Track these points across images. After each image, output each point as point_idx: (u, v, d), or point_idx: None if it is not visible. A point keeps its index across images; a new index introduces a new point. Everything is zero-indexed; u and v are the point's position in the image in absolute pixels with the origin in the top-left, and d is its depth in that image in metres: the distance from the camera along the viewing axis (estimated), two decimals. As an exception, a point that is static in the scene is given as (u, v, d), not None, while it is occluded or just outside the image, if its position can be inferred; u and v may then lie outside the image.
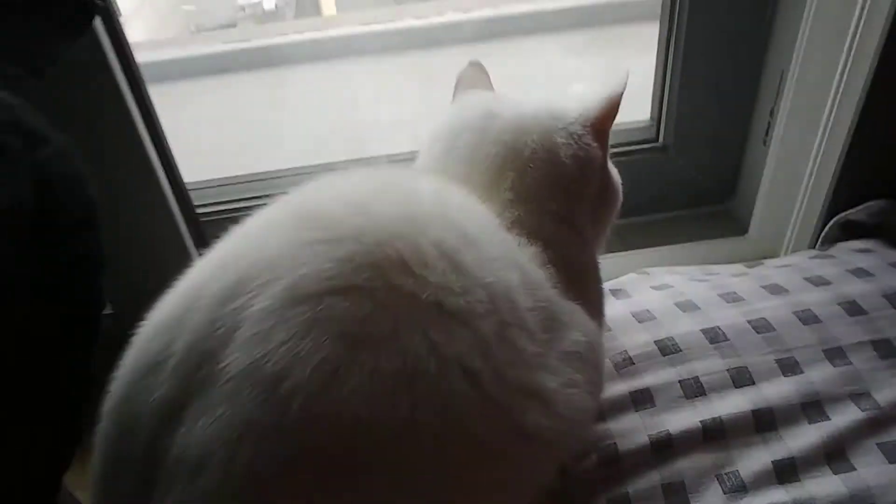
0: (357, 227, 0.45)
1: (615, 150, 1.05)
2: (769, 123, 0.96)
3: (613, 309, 0.78)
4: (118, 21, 0.72)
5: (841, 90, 0.80)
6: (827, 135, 0.83)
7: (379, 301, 0.43)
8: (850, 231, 0.86)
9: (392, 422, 0.41)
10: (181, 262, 0.48)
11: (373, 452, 0.41)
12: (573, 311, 0.56)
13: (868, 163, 0.81)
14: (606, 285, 0.82)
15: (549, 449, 0.51)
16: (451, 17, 1.97)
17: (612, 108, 0.61)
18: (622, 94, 0.61)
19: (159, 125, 0.84)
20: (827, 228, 0.87)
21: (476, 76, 0.69)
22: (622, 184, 0.69)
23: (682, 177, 1.05)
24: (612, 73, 0.62)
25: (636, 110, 1.05)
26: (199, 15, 2.57)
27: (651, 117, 1.05)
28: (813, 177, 0.88)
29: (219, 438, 0.39)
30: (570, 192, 0.61)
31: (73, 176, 0.41)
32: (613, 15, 2.03)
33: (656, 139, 1.05)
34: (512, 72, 1.61)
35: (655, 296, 0.79)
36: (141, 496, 0.41)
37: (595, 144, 0.62)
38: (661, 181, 1.06)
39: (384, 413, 0.41)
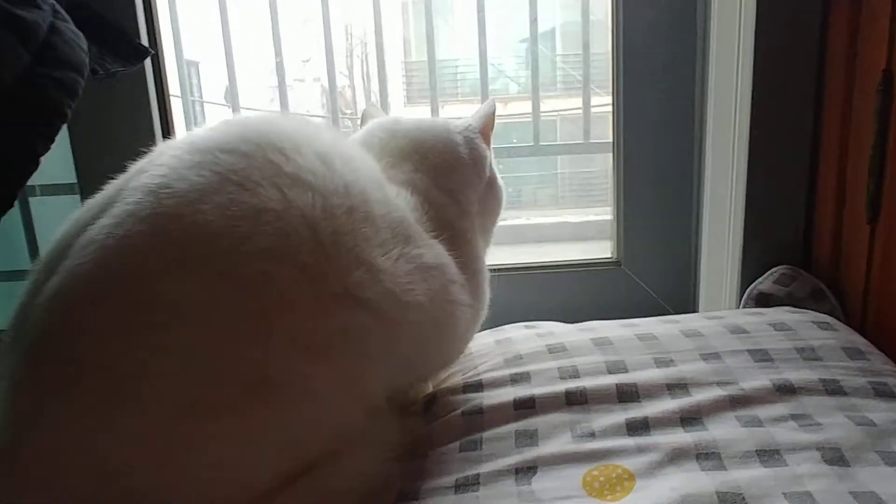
0: (260, 123, 0.62)
1: (575, 264, 1.17)
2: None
3: (522, 332, 0.84)
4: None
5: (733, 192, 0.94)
6: (732, 227, 0.95)
7: (253, 162, 0.56)
8: (763, 303, 0.90)
9: (237, 234, 0.52)
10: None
11: (218, 254, 0.52)
12: (432, 244, 0.67)
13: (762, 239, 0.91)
14: (529, 322, 0.89)
15: (379, 327, 0.58)
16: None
17: (489, 118, 0.81)
18: (494, 110, 0.81)
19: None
20: (743, 301, 0.92)
21: (374, 111, 0.88)
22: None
23: (637, 292, 1.14)
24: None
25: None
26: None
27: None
28: (732, 272, 0.96)
29: (107, 223, 0.52)
30: (464, 177, 0.77)
31: (76, 42, 0.61)
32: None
33: (610, 254, 1.17)
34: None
35: (564, 326, 0.85)
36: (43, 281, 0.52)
37: (484, 146, 0.79)
38: (616, 295, 1.15)
39: (232, 227, 0.52)
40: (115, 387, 0.48)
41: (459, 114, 1.37)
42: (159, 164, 0.56)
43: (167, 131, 1.02)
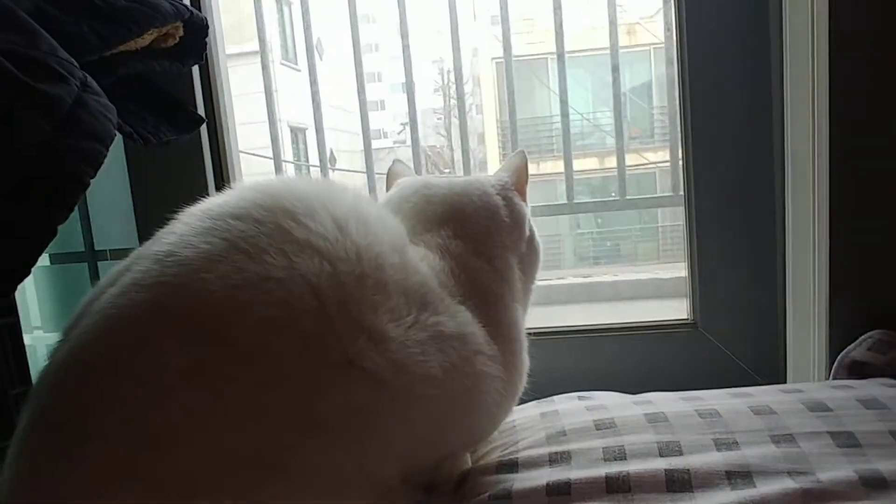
0: (277, 188, 0.60)
1: (647, 326, 1.09)
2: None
3: (571, 404, 0.77)
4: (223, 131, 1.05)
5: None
6: (816, 285, 0.84)
7: (263, 229, 0.54)
8: (858, 373, 0.78)
9: (237, 303, 0.50)
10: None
11: (217, 324, 0.50)
12: (455, 312, 0.62)
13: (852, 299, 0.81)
14: (583, 393, 0.82)
15: (386, 401, 0.54)
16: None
17: (522, 171, 0.77)
18: (525, 161, 0.77)
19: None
20: (834, 370, 0.80)
21: (401, 169, 0.85)
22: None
23: (717, 356, 1.03)
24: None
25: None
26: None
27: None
28: (819, 336, 0.85)
29: (114, 292, 0.51)
30: (503, 240, 0.73)
31: (103, 113, 0.62)
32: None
33: (686, 315, 1.07)
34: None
35: (619, 398, 0.77)
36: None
37: (522, 202, 0.75)
38: (694, 360, 1.04)
39: (233, 296, 0.50)
40: (108, 460, 0.47)
41: (558, 169, 1.36)
42: (171, 231, 0.55)
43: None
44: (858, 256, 0.82)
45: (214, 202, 0.58)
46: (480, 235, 0.71)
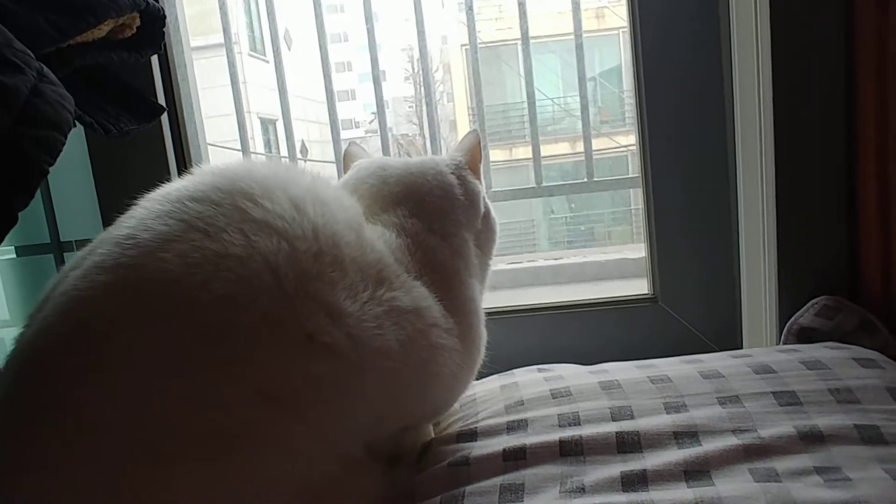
0: (234, 170, 0.61)
1: (610, 301, 1.11)
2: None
3: (530, 376, 0.79)
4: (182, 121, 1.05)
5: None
6: (766, 256, 0.88)
7: (220, 210, 0.55)
8: (806, 339, 0.81)
9: (195, 281, 0.51)
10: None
11: (178, 302, 0.51)
12: (410, 287, 0.63)
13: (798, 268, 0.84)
14: (543, 366, 0.84)
15: (346, 374, 0.55)
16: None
17: (475, 150, 0.79)
18: (479, 141, 0.79)
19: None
20: (783, 336, 0.83)
21: (357, 151, 0.86)
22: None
23: (676, 328, 1.06)
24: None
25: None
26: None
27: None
28: (770, 305, 0.88)
29: (77, 275, 0.53)
30: (459, 217, 0.74)
31: (60, 103, 0.62)
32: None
33: (647, 290, 1.09)
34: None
35: (576, 369, 0.79)
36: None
37: (475, 180, 0.77)
38: (655, 333, 1.07)
39: (191, 274, 0.51)
40: (74, 435, 0.48)
41: (530, 154, 1.38)
42: (131, 215, 0.56)
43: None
44: (803, 230, 0.85)
45: (173, 186, 0.59)
46: (436, 213, 0.72)
